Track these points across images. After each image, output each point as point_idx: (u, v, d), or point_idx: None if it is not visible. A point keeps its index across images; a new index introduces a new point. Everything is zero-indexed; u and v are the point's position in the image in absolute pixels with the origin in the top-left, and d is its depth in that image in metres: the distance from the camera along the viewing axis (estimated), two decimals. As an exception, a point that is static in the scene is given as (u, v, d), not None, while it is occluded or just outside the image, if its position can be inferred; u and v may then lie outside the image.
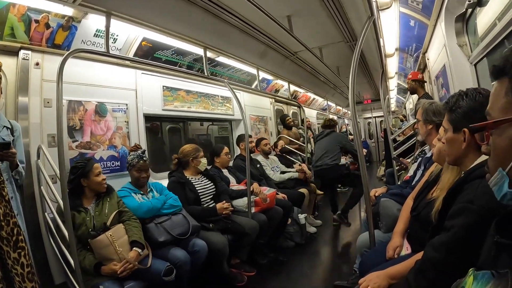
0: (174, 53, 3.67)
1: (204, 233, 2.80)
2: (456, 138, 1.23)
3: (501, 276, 0.62)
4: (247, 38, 3.96)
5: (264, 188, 3.76)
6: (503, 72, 0.64)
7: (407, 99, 9.11)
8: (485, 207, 0.98)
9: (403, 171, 3.72)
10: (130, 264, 2.11)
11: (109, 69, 3.17)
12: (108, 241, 2.15)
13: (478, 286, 0.67)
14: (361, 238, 2.37)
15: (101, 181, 2.38)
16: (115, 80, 3.22)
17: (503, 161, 0.65)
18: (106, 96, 3.10)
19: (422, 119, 2.23)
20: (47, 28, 2.54)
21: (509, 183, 0.64)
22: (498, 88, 0.66)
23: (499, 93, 0.65)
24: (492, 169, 0.69)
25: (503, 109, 0.64)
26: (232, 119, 5.24)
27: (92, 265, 2.09)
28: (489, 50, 2.32)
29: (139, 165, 2.72)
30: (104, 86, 3.09)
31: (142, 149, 2.84)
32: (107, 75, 3.14)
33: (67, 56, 2.08)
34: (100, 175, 2.39)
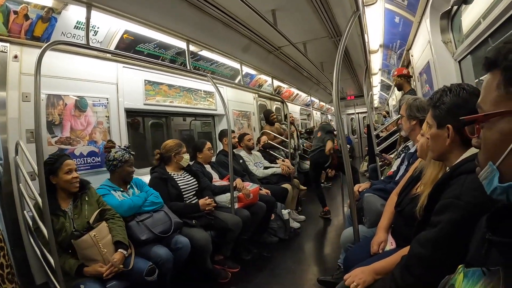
0: (156, 46, 3.59)
1: (186, 229, 2.76)
2: (440, 134, 1.22)
3: (492, 273, 0.61)
4: (230, 32, 3.91)
5: (247, 183, 3.74)
6: (495, 64, 0.63)
7: (390, 96, 9.24)
8: (472, 202, 0.98)
9: (386, 166, 3.75)
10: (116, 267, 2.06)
11: (90, 62, 3.07)
12: (92, 241, 2.08)
13: (469, 283, 0.66)
14: (345, 233, 2.37)
15: (70, 179, 2.19)
16: (96, 74, 3.12)
17: (493, 155, 0.64)
18: (86, 90, 3.00)
19: (406, 114, 2.24)
20: (26, 20, 2.44)
21: (499, 177, 0.63)
22: (489, 81, 0.65)
23: (490, 86, 0.65)
24: (482, 163, 0.69)
25: (494, 102, 0.63)
26: (215, 114, 5.18)
27: (73, 269, 2.02)
28: (474, 47, 2.34)
29: (131, 160, 2.66)
30: (84, 80, 2.99)
31: (127, 144, 2.79)
32: (87, 69, 3.04)
33: (45, 48, 1.99)
34: (70, 173, 2.20)
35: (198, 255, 2.67)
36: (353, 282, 1.42)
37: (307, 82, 7.93)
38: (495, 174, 0.63)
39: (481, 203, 0.95)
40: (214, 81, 3.45)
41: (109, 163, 2.62)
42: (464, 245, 0.90)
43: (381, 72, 6.93)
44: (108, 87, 3.23)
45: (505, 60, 0.61)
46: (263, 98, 7.07)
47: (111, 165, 2.61)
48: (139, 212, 2.56)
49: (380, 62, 5.87)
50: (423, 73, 3.36)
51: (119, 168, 2.62)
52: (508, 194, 0.62)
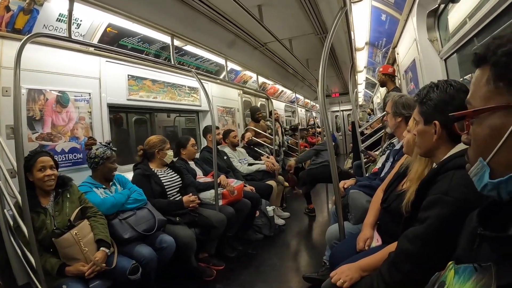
0: (140, 40, 3.50)
1: (170, 227, 2.71)
2: (427, 130, 1.22)
3: (484, 269, 0.60)
4: (216, 27, 3.86)
5: (232, 180, 3.72)
6: (485, 59, 0.63)
7: (374, 93, 9.33)
8: (460, 198, 0.98)
9: (371, 163, 3.77)
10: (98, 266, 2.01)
11: (72, 56, 2.96)
12: (74, 240, 2.02)
13: (460, 280, 0.64)
14: (331, 230, 2.36)
15: (43, 177, 2.08)
16: (78, 68, 3.01)
17: (484, 151, 0.64)
18: (68, 84, 2.90)
19: (391, 111, 2.25)
20: (7, 11, 2.33)
21: (490, 173, 0.63)
22: (479, 76, 0.65)
23: (479, 81, 0.64)
24: (472, 159, 0.68)
25: (484, 98, 0.63)
26: (199, 110, 5.10)
27: (55, 268, 1.95)
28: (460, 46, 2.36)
29: (112, 156, 2.58)
30: (66, 74, 2.89)
31: (109, 140, 2.71)
32: (69, 63, 2.93)
33: (26, 40, 1.91)
34: (44, 170, 2.10)
35: (183, 253, 2.63)
36: (340, 279, 1.41)
37: (292, 79, 7.93)
38: (486, 170, 0.63)
39: (469, 199, 0.96)
40: (198, 76, 3.39)
41: (90, 160, 2.54)
42: (452, 241, 0.90)
43: (366, 69, 6.98)
44: (90, 81, 3.13)
45: (494, 55, 0.60)
46: (248, 95, 7.02)
47: (93, 162, 2.53)
48: (122, 210, 2.50)
49: (366, 60, 5.91)
50: (409, 71, 3.38)
51: (101, 165, 2.54)
52: (498, 190, 0.62)
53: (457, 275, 0.66)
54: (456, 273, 0.67)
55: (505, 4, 1.70)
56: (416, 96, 1.29)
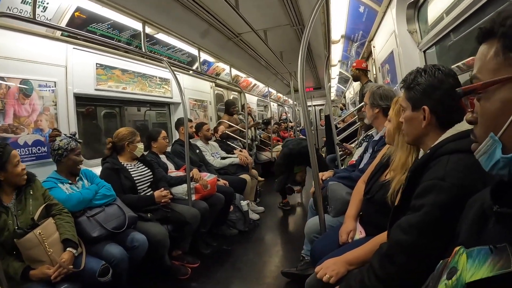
0: (110, 27, 3.28)
1: (141, 224, 2.56)
2: (416, 116, 1.17)
3: (499, 250, 0.56)
4: (189, 14, 3.71)
5: (205, 174, 3.61)
6: (492, 33, 0.61)
7: (347, 88, 9.44)
8: (457, 184, 0.93)
9: (347, 156, 3.76)
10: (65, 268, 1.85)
11: (37, 41, 2.71)
12: (37, 240, 1.84)
13: (475, 264, 0.60)
14: (310, 223, 2.30)
15: (20, 171, 1.96)
16: (43, 55, 2.76)
17: (495, 126, 0.61)
18: (32, 72, 2.65)
19: (369, 102, 2.24)
20: None
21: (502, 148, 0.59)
22: (485, 50, 0.62)
23: (486, 55, 0.62)
24: (480, 137, 0.65)
25: (493, 70, 0.60)
26: (171, 103, 4.91)
27: (18, 272, 1.78)
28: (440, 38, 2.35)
29: (77, 148, 2.40)
30: (30, 61, 2.63)
31: (73, 132, 2.53)
32: (33, 49, 2.68)
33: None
34: (19, 164, 1.96)
35: (155, 251, 2.49)
36: (326, 274, 1.35)
37: (266, 72, 7.87)
38: (497, 146, 0.60)
39: (466, 184, 0.92)
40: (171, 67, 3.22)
41: (54, 152, 2.35)
42: (450, 229, 0.86)
43: (340, 64, 6.98)
44: (56, 70, 2.88)
45: (503, 27, 0.58)
46: (221, 88, 6.90)
47: (57, 154, 2.34)
48: (89, 207, 2.33)
49: (341, 54, 5.88)
50: (385, 63, 3.38)
51: (65, 157, 2.35)
52: (511, 167, 0.59)
53: (470, 258, 0.62)
54: (469, 256, 0.62)
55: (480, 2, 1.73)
56: (403, 82, 1.24)
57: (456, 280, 0.61)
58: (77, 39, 3.05)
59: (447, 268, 0.69)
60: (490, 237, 0.63)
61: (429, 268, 0.85)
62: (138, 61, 4.03)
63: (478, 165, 0.91)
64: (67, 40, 2.98)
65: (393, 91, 2.21)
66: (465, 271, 0.61)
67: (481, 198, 0.76)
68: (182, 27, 3.95)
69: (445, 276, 0.66)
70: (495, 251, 0.57)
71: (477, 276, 0.57)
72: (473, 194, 0.83)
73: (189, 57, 4.93)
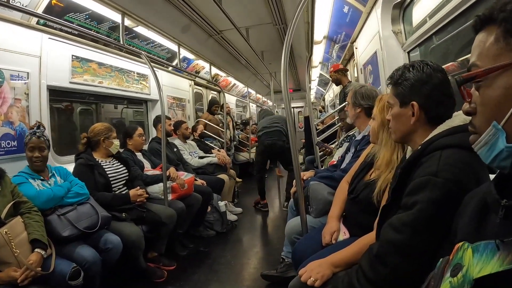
0: (88, 17, 3.14)
1: (115, 224, 2.44)
2: (404, 113, 1.14)
3: (507, 245, 0.53)
4: (170, 8, 3.62)
5: (182, 173, 3.51)
6: (491, 19, 0.60)
7: (327, 91, 9.50)
8: (451, 179, 0.89)
9: (327, 156, 3.75)
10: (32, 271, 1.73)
11: (10, 28, 2.54)
12: (3, 240, 1.72)
13: (483, 259, 0.57)
14: (290, 224, 2.25)
15: None
16: (16, 44, 2.60)
17: (497, 114, 0.59)
18: (3, 61, 2.49)
19: (351, 102, 2.23)
20: None
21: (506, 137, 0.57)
22: (483, 38, 0.62)
23: (485, 42, 0.61)
24: (481, 127, 0.63)
25: (493, 57, 0.59)
26: (148, 99, 4.77)
27: None
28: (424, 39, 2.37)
29: (31, 143, 2.23)
30: (1, 49, 2.47)
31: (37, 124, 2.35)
32: (6, 36, 2.51)
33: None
34: None
35: (130, 253, 2.38)
36: (310, 277, 1.28)
37: (245, 72, 7.82)
38: (500, 136, 0.58)
39: (460, 179, 0.90)
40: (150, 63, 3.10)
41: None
42: (445, 226, 0.83)
43: (321, 65, 7.00)
44: (29, 60, 2.72)
45: (503, 12, 0.57)
46: (200, 86, 6.80)
47: None
48: (61, 205, 2.21)
49: (322, 55, 5.87)
50: (368, 64, 3.39)
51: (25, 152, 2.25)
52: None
53: (477, 253, 0.59)
54: (476, 251, 0.59)
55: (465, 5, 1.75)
56: (389, 79, 1.20)
57: (462, 277, 0.58)
58: (53, 29, 2.90)
59: (449, 266, 0.65)
60: (495, 231, 0.61)
61: (423, 268, 0.83)
62: (116, 55, 3.88)
63: (471, 161, 0.91)
64: (42, 29, 2.82)
65: (376, 90, 2.20)
66: (471, 266, 0.58)
67: (480, 192, 0.73)
68: (162, 21, 3.85)
69: (449, 273, 0.63)
70: (502, 245, 0.54)
71: (485, 271, 0.54)
72: (467, 189, 0.82)
73: (169, 53, 4.82)
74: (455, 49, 2.04)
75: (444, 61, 2.11)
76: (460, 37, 1.94)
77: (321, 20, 3.88)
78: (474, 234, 0.67)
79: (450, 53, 2.09)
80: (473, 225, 0.70)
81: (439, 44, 2.24)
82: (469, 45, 0.64)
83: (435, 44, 2.30)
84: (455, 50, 2.04)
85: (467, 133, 0.68)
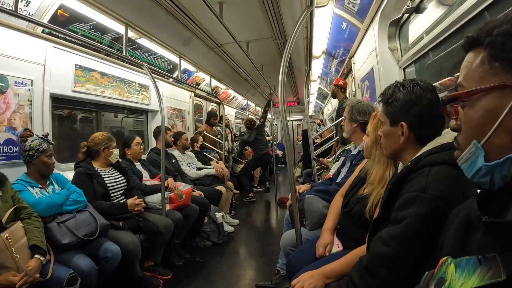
0: (92, 28, 3.21)
1: (113, 232, 2.45)
2: (394, 132, 1.19)
3: (488, 260, 0.56)
4: (173, 21, 3.67)
5: (180, 184, 3.54)
6: (478, 41, 0.62)
7: (325, 105, 9.56)
8: (438, 195, 0.93)
9: (323, 170, 3.79)
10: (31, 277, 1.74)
11: (15, 36, 2.60)
12: (4, 244, 1.73)
13: (464, 274, 0.60)
14: (285, 236, 2.27)
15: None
16: (21, 51, 2.65)
17: (477, 134, 0.62)
18: (8, 68, 2.54)
19: (348, 117, 2.27)
20: None
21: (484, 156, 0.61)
22: (471, 59, 0.64)
23: (472, 64, 0.63)
24: (463, 144, 0.66)
25: (478, 79, 0.61)
26: (149, 110, 4.82)
27: None
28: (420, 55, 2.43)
29: (49, 150, 2.29)
30: (6, 56, 2.52)
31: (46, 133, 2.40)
32: (11, 43, 2.57)
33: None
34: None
35: (126, 261, 2.37)
36: (302, 287, 1.31)
37: (245, 85, 7.89)
38: (480, 154, 0.61)
39: (447, 196, 0.92)
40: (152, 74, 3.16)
41: (25, 153, 2.24)
42: (431, 241, 0.86)
43: (320, 79, 7.09)
44: (33, 67, 2.77)
45: (489, 36, 0.59)
46: (200, 98, 6.85)
47: (27, 155, 2.23)
48: (60, 212, 2.22)
49: (321, 69, 5.95)
50: (365, 79, 3.45)
51: (36, 159, 2.24)
52: (493, 174, 0.60)
53: (459, 268, 0.62)
54: (458, 266, 0.62)
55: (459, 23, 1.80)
56: (381, 96, 1.24)
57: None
58: (58, 38, 2.95)
59: (434, 279, 0.68)
60: (477, 247, 0.63)
61: (410, 281, 0.85)
62: (118, 65, 3.94)
63: (459, 177, 0.95)
64: (47, 37, 2.88)
65: (373, 106, 2.24)
66: (454, 281, 0.61)
67: (465, 208, 0.76)
68: (165, 33, 3.91)
69: (433, 286, 0.66)
70: (484, 261, 0.57)
71: (467, 286, 0.57)
72: (454, 205, 0.84)
73: (170, 64, 4.89)
74: (449, 66, 2.09)
75: (438, 77, 2.16)
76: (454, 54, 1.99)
77: (320, 35, 3.96)
78: (458, 249, 0.69)
79: (445, 70, 2.15)
80: (458, 240, 0.72)
81: (434, 61, 2.30)
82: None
83: (430, 61, 2.36)
84: (449, 67, 2.09)
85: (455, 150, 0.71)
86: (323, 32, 3.88)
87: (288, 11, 3.49)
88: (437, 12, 2.17)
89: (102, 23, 3.26)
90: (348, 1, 3.00)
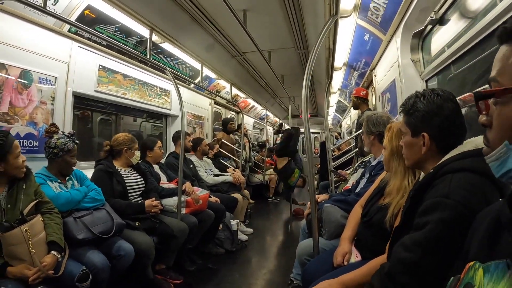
0: (117, 30, 3.29)
1: (128, 232, 2.46)
2: (415, 142, 1.18)
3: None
4: (196, 27, 3.73)
5: (197, 188, 3.55)
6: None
7: (344, 118, 9.51)
8: (461, 201, 0.91)
9: (341, 182, 3.74)
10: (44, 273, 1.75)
11: (42, 34, 2.68)
12: (22, 237, 1.74)
13: (493, 279, 0.57)
14: (302, 245, 2.24)
15: (21, 164, 1.89)
16: (47, 49, 2.73)
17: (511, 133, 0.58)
18: (33, 64, 2.61)
19: (365, 130, 2.28)
20: None
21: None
22: (507, 52, 0.58)
23: (509, 57, 0.58)
24: (495, 142, 0.62)
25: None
26: (168, 114, 4.89)
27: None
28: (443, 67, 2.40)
29: (74, 150, 2.32)
30: (32, 52, 2.59)
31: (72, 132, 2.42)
32: (38, 40, 2.65)
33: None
34: (20, 155, 1.88)
35: (139, 262, 2.38)
36: (320, 296, 1.28)
37: (265, 95, 7.92)
38: (511, 155, 0.57)
39: (470, 202, 0.90)
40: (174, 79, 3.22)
41: (49, 150, 2.25)
42: (454, 247, 0.85)
43: (339, 92, 7.06)
44: (58, 65, 2.85)
45: None
46: (219, 106, 6.92)
47: (51, 153, 2.25)
48: (77, 208, 2.24)
49: (341, 82, 5.94)
50: (386, 92, 3.42)
51: (60, 157, 2.26)
52: None
53: (487, 273, 0.59)
54: (486, 271, 0.60)
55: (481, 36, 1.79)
56: (402, 106, 1.24)
57: None
58: (83, 37, 3.03)
59: (460, 285, 0.66)
60: (507, 250, 0.60)
61: None
62: (140, 69, 4.03)
63: (481, 184, 0.93)
64: (72, 37, 2.96)
65: (387, 115, 2.23)
66: (482, 286, 0.59)
67: (493, 211, 0.74)
68: (188, 39, 3.98)
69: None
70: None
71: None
72: (476, 211, 0.82)
73: (192, 70, 4.95)
74: (472, 78, 2.06)
75: (461, 90, 2.13)
76: (477, 67, 1.97)
77: (342, 47, 3.96)
78: (486, 253, 0.66)
79: (467, 83, 2.11)
80: (486, 244, 0.69)
81: (456, 73, 2.27)
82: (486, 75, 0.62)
83: (452, 74, 2.33)
84: (472, 79, 2.06)
85: (477, 157, 0.68)
86: (345, 43, 3.88)
87: (311, 20, 3.50)
88: (460, 25, 2.15)
89: (127, 26, 3.33)
90: (371, 12, 2.99)
